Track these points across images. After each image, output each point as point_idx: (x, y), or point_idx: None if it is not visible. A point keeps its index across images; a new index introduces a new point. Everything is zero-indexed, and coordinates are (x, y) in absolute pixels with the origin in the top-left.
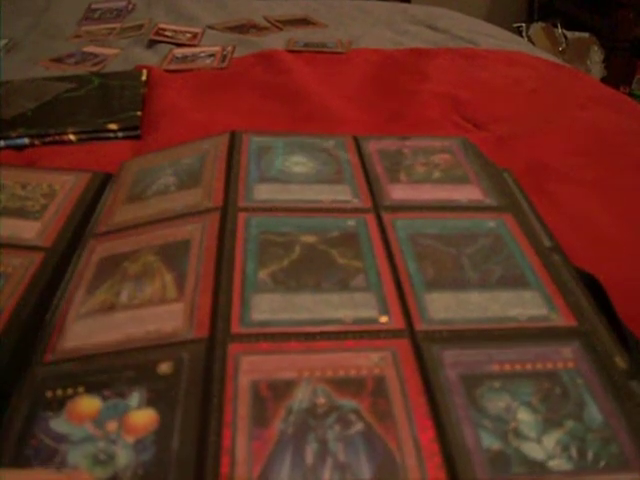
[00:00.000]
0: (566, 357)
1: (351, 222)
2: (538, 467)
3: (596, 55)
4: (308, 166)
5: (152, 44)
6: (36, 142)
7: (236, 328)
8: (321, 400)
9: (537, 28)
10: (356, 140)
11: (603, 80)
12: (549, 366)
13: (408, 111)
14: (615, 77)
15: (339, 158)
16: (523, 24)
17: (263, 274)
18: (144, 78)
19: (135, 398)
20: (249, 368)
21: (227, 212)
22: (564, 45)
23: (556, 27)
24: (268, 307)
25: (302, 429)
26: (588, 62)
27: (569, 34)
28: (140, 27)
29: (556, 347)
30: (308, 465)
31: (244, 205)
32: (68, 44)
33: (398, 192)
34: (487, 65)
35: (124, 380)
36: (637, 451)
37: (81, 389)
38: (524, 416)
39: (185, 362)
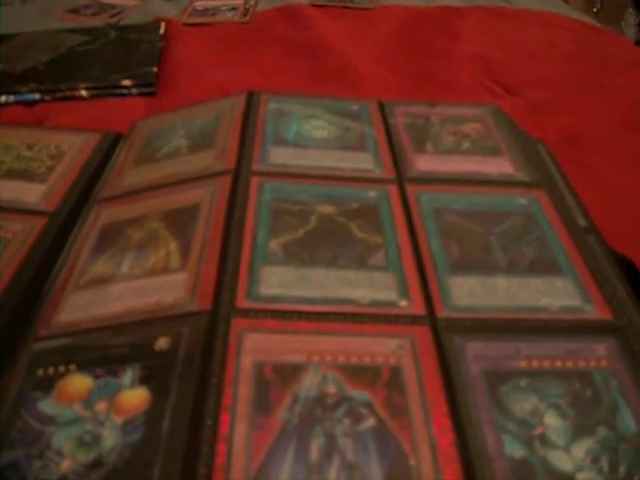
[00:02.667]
0: (599, 355)
1: (372, 193)
2: None
3: (631, 17)
4: (329, 131)
5: None
6: (47, 97)
7: (242, 302)
8: (331, 389)
9: None
10: (381, 105)
11: (637, 43)
12: (581, 364)
13: (437, 73)
14: None
15: (362, 124)
16: None
17: (275, 244)
18: (162, 31)
19: (128, 376)
20: (253, 347)
21: (240, 175)
22: (599, 6)
23: None
24: (278, 281)
25: (308, 420)
26: (622, 24)
27: None
28: None
29: (589, 343)
30: (313, 461)
31: (258, 168)
32: None
33: (424, 163)
34: (521, 26)
35: (118, 357)
36: None
37: (73, 367)
38: (552, 420)
39: (184, 337)
